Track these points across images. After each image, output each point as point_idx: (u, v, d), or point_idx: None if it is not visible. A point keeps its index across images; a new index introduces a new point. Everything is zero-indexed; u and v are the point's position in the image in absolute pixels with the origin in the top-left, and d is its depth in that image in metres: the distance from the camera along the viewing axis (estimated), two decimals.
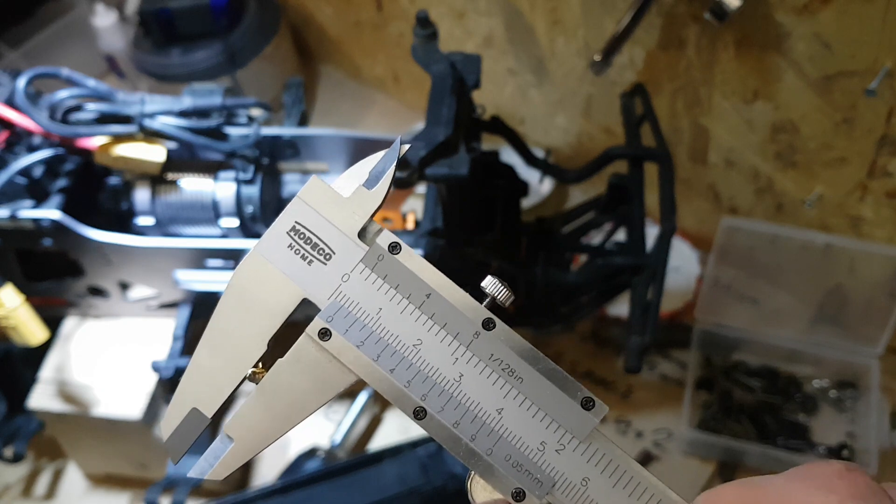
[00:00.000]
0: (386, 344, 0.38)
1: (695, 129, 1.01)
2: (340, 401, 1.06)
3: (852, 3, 0.76)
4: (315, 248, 0.39)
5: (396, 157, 0.40)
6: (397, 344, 0.38)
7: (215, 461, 0.39)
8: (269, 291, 0.39)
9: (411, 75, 1.35)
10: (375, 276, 0.39)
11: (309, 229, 0.40)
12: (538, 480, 0.37)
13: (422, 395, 0.38)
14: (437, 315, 0.38)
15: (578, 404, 0.38)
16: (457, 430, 0.38)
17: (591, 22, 1.00)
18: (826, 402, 1.01)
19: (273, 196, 1.00)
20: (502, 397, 0.38)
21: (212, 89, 0.94)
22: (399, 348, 0.38)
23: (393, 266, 0.39)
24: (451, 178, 0.74)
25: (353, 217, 0.39)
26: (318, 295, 0.39)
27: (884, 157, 0.86)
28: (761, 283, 1.01)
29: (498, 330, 0.38)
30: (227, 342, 0.39)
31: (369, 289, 0.39)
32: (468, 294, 0.39)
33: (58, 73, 0.90)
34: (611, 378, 1.07)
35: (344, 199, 0.40)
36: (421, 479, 0.90)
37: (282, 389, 0.39)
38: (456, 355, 0.38)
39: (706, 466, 0.98)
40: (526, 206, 1.09)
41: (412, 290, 0.39)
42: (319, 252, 0.39)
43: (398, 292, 0.39)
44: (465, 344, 0.38)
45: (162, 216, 0.96)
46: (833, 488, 0.31)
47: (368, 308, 0.39)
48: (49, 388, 0.96)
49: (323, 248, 0.39)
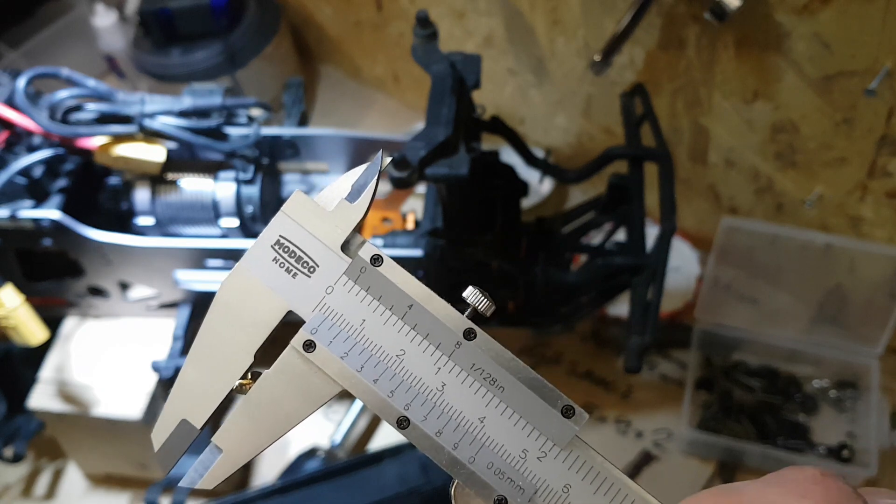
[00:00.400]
0: (370, 355, 0.39)
1: (695, 129, 1.01)
2: (340, 401, 1.06)
3: (852, 3, 0.76)
4: (299, 262, 0.40)
5: (378, 169, 0.41)
6: (381, 355, 0.39)
7: (205, 471, 0.39)
8: (254, 305, 0.40)
9: (411, 75, 1.35)
10: (359, 288, 0.40)
11: (293, 243, 0.40)
12: (520, 488, 0.37)
13: (405, 404, 0.38)
14: (420, 326, 0.39)
15: (559, 412, 0.38)
16: (439, 438, 0.38)
17: (591, 22, 1.00)
18: (826, 402, 1.01)
19: (273, 196, 1.00)
20: (484, 406, 0.38)
21: (212, 89, 0.94)
22: (382, 359, 0.39)
23: (376, 278, 0.40)
24: (451, 178, 0.74)
25: (336, 230, 0.40)
26: (302, 308, 0.40)
27: (884, 157, 0.86)
28: (761, 283, 1.01)
29: (479, 340, 0.39)
30: (214, 355, 0.40)
31: (353, 300, 0.39)
32: (449, 305, 0.39)
33: (58, 73, 0.90)
34: (611, 378, 1.07)
35: (327, 212, 0.40)
36: (421, 479, 0.90)
37: (268, 401, 0.39)
38: (438, 365, 0.39)
39: (706, 466, 0.98)
40: (526, 206, 1.09)
41: (395, 302, 0.39)
42: (304, 265, 0.40)
43: (381, 304, 0.39)
44: (447, 354, 0.39)
45: (162, 216, 0.97)
46: (808, 493, 0.31)
47: (352, 319, 0.39)
48: (49, 388, 0.96)
49: (307, 262, 0.40)
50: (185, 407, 0.40)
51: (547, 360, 1.08)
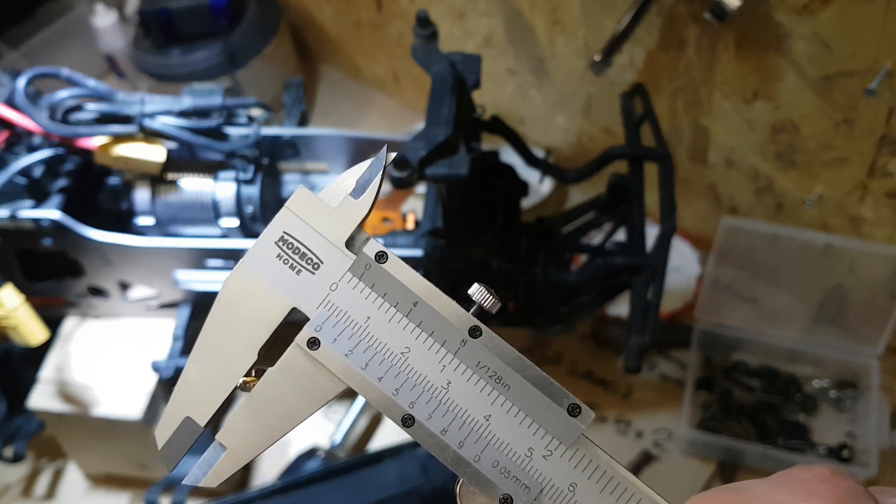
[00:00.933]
0: (374, 352, 0.39)
1: (695, 129, 1.01)
2: (340, 401, 1.06)
3: (852, 4, 0.76)
4: (303, 258, 0.40)
5: (383, 165, 0.40)
6: (385, 352, 0.39)
7: (209, 469, 0.39)
8: (257, 302, 0.40)
9: (411, 75, 1.35)
10: (363, 286, 0.39)
11: (297, 239, 0.40)
12: (526, 486, 0.37)
13: (410, 402, 0.38)
14: (425, 323, 0.39)
15: (565, 411, 0.38)
16: (445, 437, 0.38)
17: (591, 22, 1.00)
18: (826, 402, 1.01)
19: (273, 196, 1.00)
20: (490, 404, 0.38)
21: (212, 89, 0.94)
22: (387, 356, 0.39)
23: (380, 275, 0.39)
24: (451, 178, 0.74)
25: (340, 227, 0.40)
26: (306, 305, 0.39)
27: (884, 157, 0.86)
28: (761, 283, 1.01)
29: (485, 337, 0.39)
30: (218, 353, 0.40)
31: (357, 298, 0.39)
32: (455, 302, 0.39)
33: (58, 73, 0.90)
34: (611, 378, 1.07)
35: (331, 208, 0.40)
36: (421, 479, 0.90)
37: (272, 399, 0.39)
38: (444, 363, 0.38)
39: (706, 466, 0.99)
40: (526, 206, 1.09)
41: (399, 299, 0.39)
42: (308, 262, 0.40)
43: (386, 301, 0.39)
44: (453, 352, 0.39)
45: (162, 216, 0.97)
46: (816, 493, 0.31)
47: (356, 317, 0.39)
48: (49, 388, 0.96)
49: (311, 258, 0.40)
50: (188, 405, 0.40)
51: (547, 360, 1.08)
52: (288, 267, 0.40)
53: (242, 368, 0.39)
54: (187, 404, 0.40)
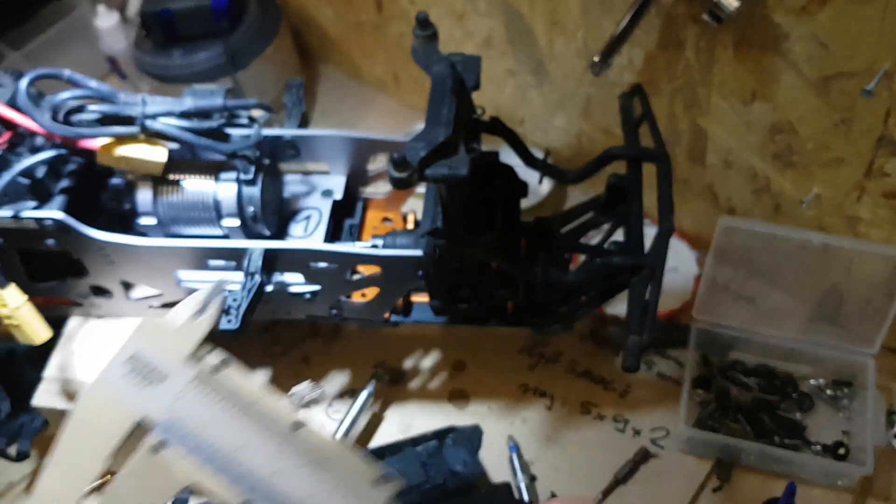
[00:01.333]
0: (214, 449, 0.43)
1: (693, 130, 1.02)
2: (340, 400, 1.06)
3: (851, 4, 0.77)
4: (152, 372, 0.45)
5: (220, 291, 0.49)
6: (223, 447, 0.43)
7: None
8: (109, 414, 0.45)
9: (411, 76, 1.35)
10: (204, 392, 0.45)
11: (145, 358, 0.46)
12: None
13: (245, 490, 0.42)
14: (256, 421, 0.43)
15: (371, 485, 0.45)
16: None
17: (591, 23, 1.00)
18: (822, 401, 1.02)
19: (274, 196, 1.00)
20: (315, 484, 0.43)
21: (213, 90, 0.95)
22: (225, 451, 0.43)
23: (220, 381, 0.45)
24: (451, 179, 0.74)
25: (183, 343, 0.46)
26: (154, 413, 0.44)
27: (881, 158, 0.87)
28: (759, 282, 1.02)
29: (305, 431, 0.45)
30: (72, 461, 0.44)
31: (199, 402, 0.44)
32: (283, 399, 0.45)
33: (60, 74, 0.91)
34: (609, 377, 1.07)
35: (175, 329, 0.47)
36: (421, 477, 0.91)
37: (122, 500, 0.43)
38: (273, 454, 0.43)
39: (703, 464, 0.99)
40: (525, 207, 1.10)
41: (235, 401, 0.44)
42: (156, 375, 0.45)
43: (224, 403, 0.44)
44: (280, 444, 0.43)
45: (164, 216, 0.97)
46: None
47: (197, 420, 0.44)
48: (53, 387, 0.96)
49: (159, 372, 0.45)
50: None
51: (546, 360, 1.08)
52: (138, 380, 0.45)
53: (94, 474, 0.44)
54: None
